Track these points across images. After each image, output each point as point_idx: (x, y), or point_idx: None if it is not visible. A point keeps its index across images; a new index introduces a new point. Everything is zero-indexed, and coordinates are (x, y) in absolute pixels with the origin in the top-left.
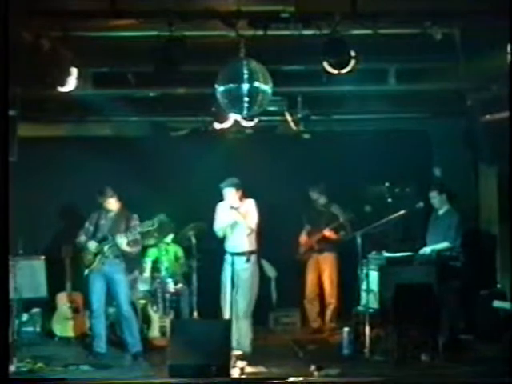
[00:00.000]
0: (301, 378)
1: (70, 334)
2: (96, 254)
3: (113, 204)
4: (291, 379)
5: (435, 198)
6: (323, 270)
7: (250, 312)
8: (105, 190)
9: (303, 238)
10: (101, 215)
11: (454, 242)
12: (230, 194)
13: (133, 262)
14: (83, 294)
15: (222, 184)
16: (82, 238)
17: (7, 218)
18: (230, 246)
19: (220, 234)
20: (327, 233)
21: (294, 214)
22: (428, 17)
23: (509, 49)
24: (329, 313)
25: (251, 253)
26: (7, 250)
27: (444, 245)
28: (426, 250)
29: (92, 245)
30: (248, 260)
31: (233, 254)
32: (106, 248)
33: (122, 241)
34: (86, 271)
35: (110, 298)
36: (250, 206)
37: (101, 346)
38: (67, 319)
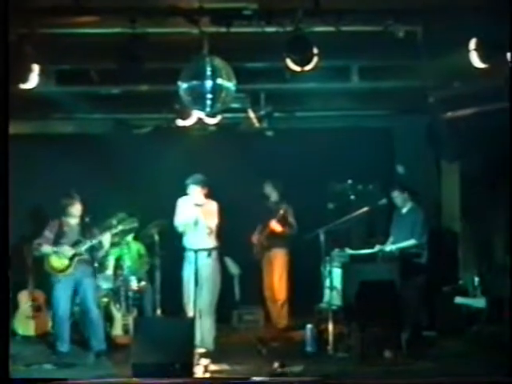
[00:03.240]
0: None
1: (32, 332)
2: (72, 258)
3: (79, 209)
4: (255, 379)
5: (397, 197)
6: (273, 267)
7: (214, 309)
8: (72, 193)
9: (255, 236)
10: (62, 223)
11: (420, 238)
12: (196, 190)
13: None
14: (45, 292)
15: (188, 180)
16: (45, 246)
17: (7, 219)
18: (193, 242)
19: (181, 229)
20: (273, 225)
21: (256, 211)
22: (390, 14)
23: (471, 46)
24: (277, 309)
25: (212, 249)
26: (7, 250)
27: (411, 242)
28: (392, 247)
29: (66, 249)
30: (209, 255)
31: (196, 251)
32: (83, 249)
33: (107, 238)
34: (59, 276)
35: (78, 300)
36: (211, 207)
37: (64, 345)
38: (29, 318)
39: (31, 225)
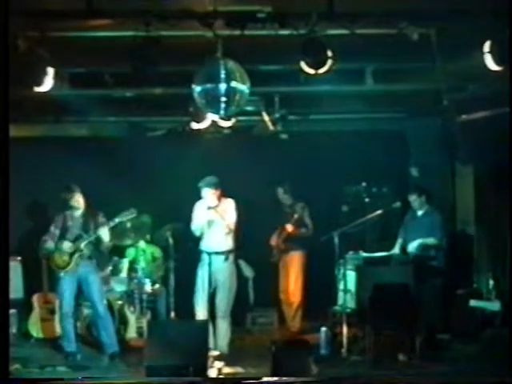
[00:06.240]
0: (275, 378)
1: (47, 335)
2: (72, 254)
3: (80, 201)
4: (265, 379)
5: (415, 200)
6: (289, 269)
7: (229, 312)
8: (72, 186)
9: (273, 239)
10: (66, 217)
11: (441, 241)
12: (208, 193)
13: (103, 260)
14: None
15: (201, 183)
16: (49, 243)
17: (7, 219)
18: (208, 245)
19: (197, 233)
20: (289, 228)
21: (271, 214)
22: (404, 17)
23: (486, 48)
24: (292, 312)
25: (229, 252)
26: (7, 250)
27: (431, 240)
28: (414, 244)
29: (66, 245)
30: (226, 259)
31: (210, 254)
32: (82, 245)
33: (106, 233)
34: (62, 273)
35: (84, 298)
36: (228, 205)
37: (71, 345)
38: (43, 320)
39: (45, 227)
